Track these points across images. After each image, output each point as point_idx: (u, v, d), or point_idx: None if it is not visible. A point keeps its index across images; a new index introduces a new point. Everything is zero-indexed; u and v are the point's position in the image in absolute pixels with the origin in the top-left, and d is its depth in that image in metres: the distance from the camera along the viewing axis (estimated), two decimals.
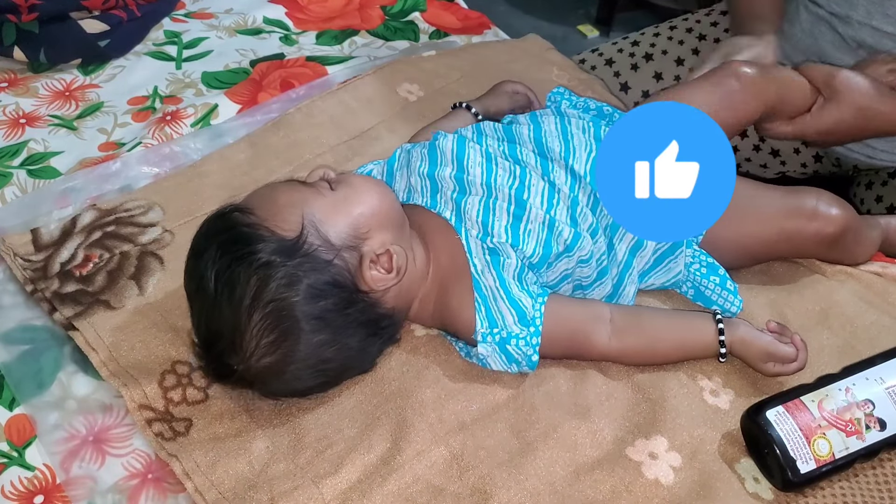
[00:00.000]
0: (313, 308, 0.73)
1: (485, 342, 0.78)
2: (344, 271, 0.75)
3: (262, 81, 1.17)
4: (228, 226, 0.75)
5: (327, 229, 0.76)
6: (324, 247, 0.75)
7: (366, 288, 0.77)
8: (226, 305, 0.72)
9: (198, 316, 0.76)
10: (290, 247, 0.73)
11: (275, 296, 0.72)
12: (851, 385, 0.76)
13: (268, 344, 0.72)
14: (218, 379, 0.78)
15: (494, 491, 0.72)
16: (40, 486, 0.74)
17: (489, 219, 0.81)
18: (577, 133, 0.88)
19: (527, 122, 0.91)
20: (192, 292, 0.76)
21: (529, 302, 0.79)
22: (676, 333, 0.83)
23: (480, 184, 0.83)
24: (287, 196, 0.78)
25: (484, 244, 0.80)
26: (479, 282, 0.79)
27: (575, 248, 0.82)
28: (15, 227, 0.94)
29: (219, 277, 0.72)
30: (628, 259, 0.87)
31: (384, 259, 0.78)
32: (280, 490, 0.72)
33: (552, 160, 0.86)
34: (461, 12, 1.39)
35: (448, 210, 0.83)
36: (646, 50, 1.30)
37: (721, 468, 0.76)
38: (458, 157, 0.86)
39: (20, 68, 1.16)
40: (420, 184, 0.86)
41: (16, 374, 0.81)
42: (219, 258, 0.73)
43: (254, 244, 0.73)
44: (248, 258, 0.72)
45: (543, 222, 0.82)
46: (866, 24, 1.05)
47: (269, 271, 0.72)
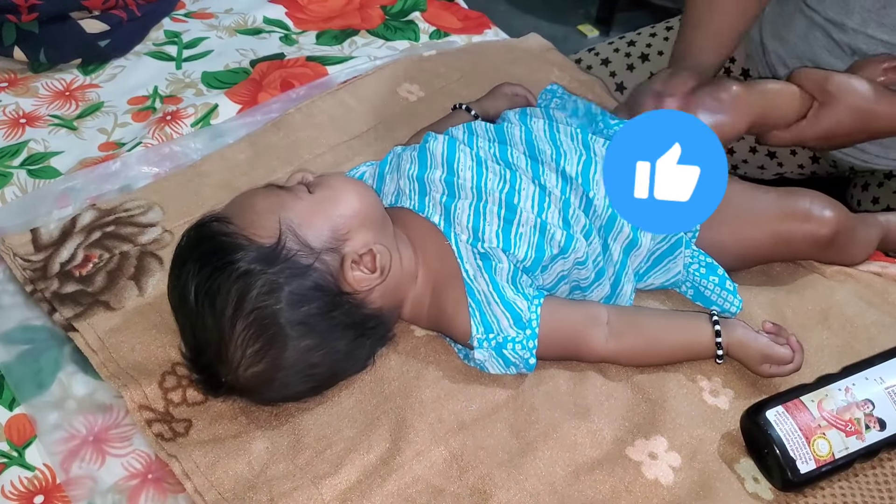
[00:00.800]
0: (297, 314, 0.73)
1: (481, 347, 0.78)
2: (326, 274, 0.75)
3: (262, 81, 1.17)
4: (207, 236, 0.75)
5: (306, 233, 0.75)
6: (303, 251, 0.74)
7: (349, 289, 0.76)
8: (209, 317, 0.72)
9: (182, 329, 0.76)
10: (268, 254, 0.73)
11: (256, 304, 0.71)
12: (851, 385, 0.76)
13: (253, 353, 0.72)
14: (209, 391, 0.77)
15: (494, 491, 0.72)
16: (40, 486, 0.74)
17: (480, 224, 0.81)
18: (565, 140, 0.88)
19: (517, 122, 0.91)
20: (176, 306, 0.76)
21: (525, 304, 0.79)
22: (674, 335, 0.83)
23: (471, 188, 0.83)
24: (264, 202, 0.77)
25: (475, 249, 0.80)
26: (472, 287, 0.79)
27: (569, 250, 0.81)
28: (15, 227, 0.94)
29: (199, 289, 0.72)
30: (623, 259, 0.87)
31: (367, 259, 0.77)
32: (279, 490, 0.72)
33: (543, 163, 0.85)
34: (461, 12, 1.39)
35: (437, 214, 0.83)
36: (642, 50, 1.30)
37: (721, 468, 0.76)
38: (449, 160, 0.85)
39: (20, 68, 1.16)
40: (409, 187, 0.85)
41: (16, 374, 0.80)
42: (198, 270, 0.72)
43: (232, 254, 0.72)
44: (227, 268, 0.72)
45: (535, 226, 0.81)
46: (861, 31, 1.04)
47: (249, 280, 0.71)
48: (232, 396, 0.78)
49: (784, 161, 1.25)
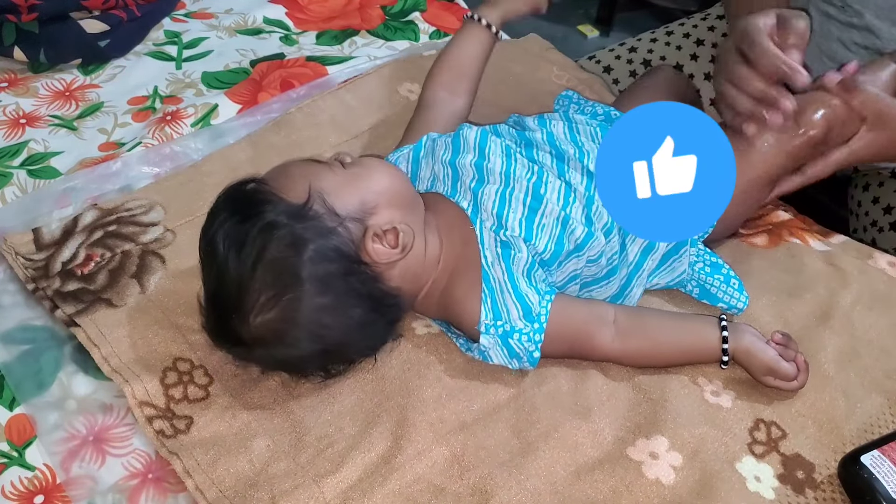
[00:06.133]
0: (315, 269, 0.74)
1: (487, 334, 0.78)
2: (347, 241, 0.76)
3: (263, 81, 1.17)
4: (241, 194, 0.78)
5: (333, 200, 0.77)
6: (329, 215, 0.76)
7: (368, 260, 0.77)
8: (233, 262, 0.73)
9: (206, 277, 0.77)
10: (296, 211, 0.75)
11: (279, 253, 0.73)
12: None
13: (268, 299, 0.73)
14: (219, 341, 0.78)
15: (495, 491, 0.72)
16: (40, 486, 0.74)
17: (504, 210, 0.82)
18: (586, 141, 0.89)
19: (537, 127, 0.91)
20: (203, 254, 0.78)
21: (536, 299, 0.79)
22: (680, 338, 0.83)
23: (500, 172, 0.84)
24: (298, 169, 0.80)
25: (497, 236, 0.81)
26: (489, 273, 0.80)
27: (585, 247, 0.82)
28: (15, 228, 0.94)
29: (227, 237, 0.74)
30: (640, 259, 0.87)
31: (390, 236, 0.79)
32: (281, 489, 0.71)
33: (567, 161, 0.86)
34: (461, 12, 1.39)
35: (465, 200, 0.84)
36: (643, 56, 1.30)
37: (722, 468, 0.76)
38: (481, 145, 0.87)
39: (20, 68, 1.16)
40: (443, 172, 0.87)
41: (16, 374, 0.80)
42: (228, 219, 0.75)
43: (262, 206, 0.75)
44: (254, 218, 0.74)
45: (558, 218, 0.82)
46: (875, 26, 1.04)
47: (274, 231, 0.74)
48: (240, 352, 0.78)
49: None
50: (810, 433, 0.79)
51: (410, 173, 0.90)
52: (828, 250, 0.99)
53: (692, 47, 1.28)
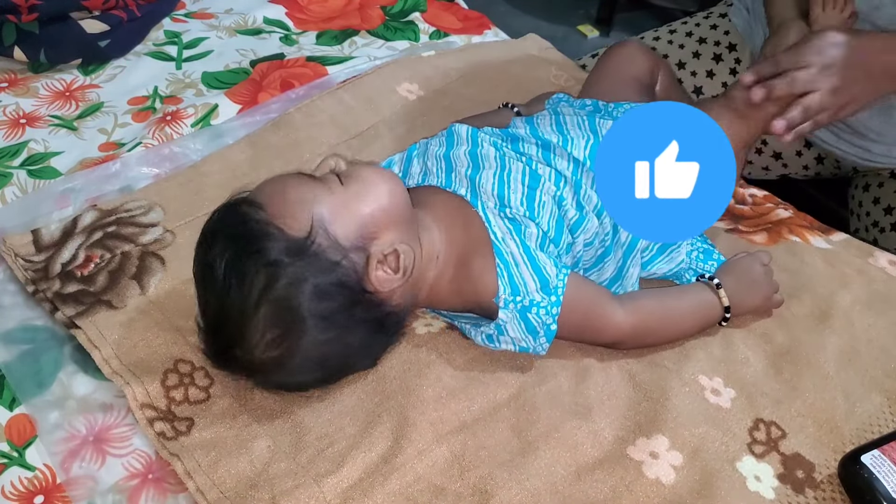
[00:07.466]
0: (319, 307, 0.73)
1: (506, 308, 0.78)
2: (351, 272, 0.75)
3: (262, 81, 1.17)
4: (238, 219, 0.75)
5: (336, 230, 0.75)
6: (332, 248, 0.75)
7: (371, 288, 0.77)
8: (235, 295, 0.72)
9: (204, 303, 0.76)
10: (299, 247, 0.73)
11: (282, 294, 0.72)
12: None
13: (272, 338, 0.73)
14: (220, 365, 0.78)
15: (495, 491, 0.72)
16: (40, 486, 0.74)
17: (504, 191, 0.83)
18: (572, 128, 0.91)
19: (523, 125, 0.93)
20: (200, 280, 0.77)
21: (554, 271, 0.79)
22: (683, 302, 0.86)
23: (494, 157, 0.86)
24: (295, 193, 0.77)
25: (503, 214, 0.82)
26: (500, 248, 0.80)
27: (579, 229, 0.84)
28: (15, 228, 0.94)
29: (228, 270, 0.73)
30: (633, 240, 0.88)
31: (391, 259, 0.78)
32: (281, 489, 0.71)
33: (552, 149, 0.88)
34: (461, 12, 1.39)
35: (463, 188, 0.85)
36: None
37: (722, 467, 0.76)
38: (473, 137, 0.89)
39: (20, 68, 1.16)
40: (436, 165, 0.88)
41: (16, 374, 0.80)
42: (227, 250, 0.73)
43: (263, 242, 0.73)
44: (256, 255, 0.72)
45: (554, 197, 0.84)
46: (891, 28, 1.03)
47: (277, 270, 0.72)
48: (240, 374, 0.78)
49: (789, 162, 1.26)
50: (810, 433, 0.80)
51: (402, 172, 0.91)
52: (828, 248, 0.99)
53: (694, 45, 1.28)
